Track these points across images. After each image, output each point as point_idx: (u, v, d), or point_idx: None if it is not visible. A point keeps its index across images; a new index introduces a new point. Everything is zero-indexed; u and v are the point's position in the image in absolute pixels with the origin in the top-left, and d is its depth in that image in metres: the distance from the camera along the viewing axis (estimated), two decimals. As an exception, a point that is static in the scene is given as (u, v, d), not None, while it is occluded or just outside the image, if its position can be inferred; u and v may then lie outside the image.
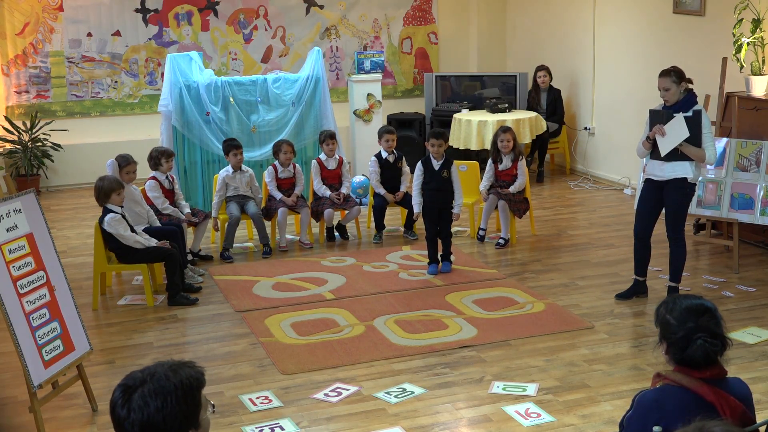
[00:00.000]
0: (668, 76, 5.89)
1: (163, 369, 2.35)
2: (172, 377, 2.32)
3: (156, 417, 2.27)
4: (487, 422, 4.60)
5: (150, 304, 6.47)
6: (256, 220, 7.61)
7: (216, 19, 10.92)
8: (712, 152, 5.91)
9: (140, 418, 2.27)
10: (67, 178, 10.46)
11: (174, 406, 2.29)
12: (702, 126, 5.86)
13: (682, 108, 5.90)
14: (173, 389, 2.30)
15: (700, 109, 5.91)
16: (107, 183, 6.32)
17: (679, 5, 8.73)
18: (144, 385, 2.30)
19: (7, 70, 10.25)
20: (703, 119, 5.86)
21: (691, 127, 5.82)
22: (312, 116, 8.92)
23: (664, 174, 6.00)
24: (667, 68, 5.96)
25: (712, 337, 2.86)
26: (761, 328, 5.81)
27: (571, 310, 6.19)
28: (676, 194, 6.00)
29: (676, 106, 5.92)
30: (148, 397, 2.28)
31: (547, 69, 10.42)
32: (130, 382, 2.32)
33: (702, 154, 5.89)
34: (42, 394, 4.55)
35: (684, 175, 5.95)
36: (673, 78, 5.88)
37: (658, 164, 6.00)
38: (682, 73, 5.93)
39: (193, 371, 2.38)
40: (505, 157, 7.80)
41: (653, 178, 6.07)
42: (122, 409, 2.29)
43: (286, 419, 4.67)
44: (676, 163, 5.93)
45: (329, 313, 6.24)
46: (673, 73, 5.89)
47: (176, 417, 2.29)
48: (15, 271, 4.44)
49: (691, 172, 5.94)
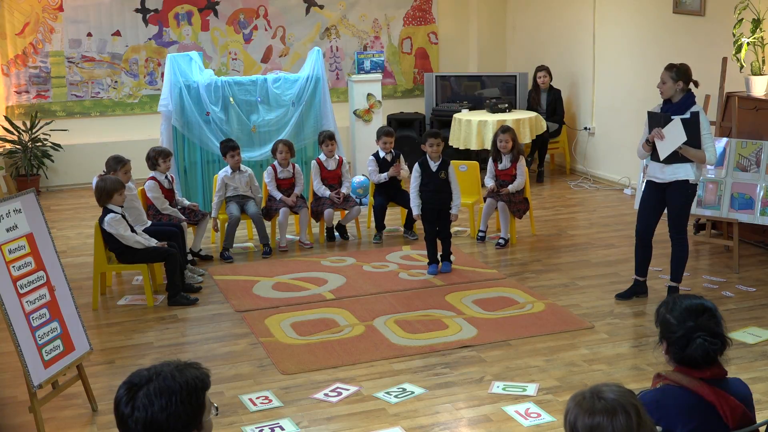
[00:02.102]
0: (669, 71, 5.88)
1: (169, 368, 2.34)
2: (178, 377, 2.31)
3: (160, 416, 2.26)
4: (487, 422, 4.60)
5: (150, 304, 6.47)
6: (255, 220, 7.61)
7: (216, 19, 10.92)
8: (712, 153, 5.90)
9: (144, 416, 2.26)
10: (67, 178, 10.46)
11: (178, 405, 2.28)
12: (701, 127, 5.84)
13: (680, 109, 5.89)
14: (178, 389, 2.29)
15: (698, 110, 5.88)
16: (109, 183, 6.31)
17: (679, 5, 8.73)
18: (149, 384, 2.29)
19: (7, 70, 10.25)
20: (701, 120, 5.84)
21: (690, 128, 5.81)
22: (312, 116, 8.92)
23: (665, 176, 5.99)
24: (675, 63, 5.93)
25: (712, 336, 2.87)
26: (761, 328, 5.81)
27: (571, 310, 6.19)
28: (679, 196, 5.99)
29: (674, 106, 5.91)
30: (153, 395, 2.27)
31: (547, 69, 10.42)
32: (136, 380, 2.31)
33: (702, 156, 5.88)
34: (42, 394, 4.55)
35: (685, 177, 5.94)
36: (673, 74, 5.86)
37: (658, 167, 5.99)
38: (686, 73, 5.88)
39: (198, 372, 2.37)
40: (505, 157, 7.80)
41: (655, 180, 6.07)
42: (126, 406, 2.28)
43: (286, 419, 4.67)
44: (677, 165, 5.92)
45: (329, 313, 6.24)
46: (675, 69, 5.87)
47: (180, 417, 2.28)
48: (15, 271, 4.44)
49: (692, 174, 5.93)
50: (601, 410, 2.33)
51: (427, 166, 7.01)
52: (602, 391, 2.38)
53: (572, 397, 2.42)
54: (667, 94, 5.92)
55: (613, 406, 2.32)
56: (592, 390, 2.40)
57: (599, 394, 2.37)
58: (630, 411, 2.33)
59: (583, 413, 2.34)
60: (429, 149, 7.01)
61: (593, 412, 2.33)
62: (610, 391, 2.37)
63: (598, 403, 2.34)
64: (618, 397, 2.35)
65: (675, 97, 5.92)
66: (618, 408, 2.32)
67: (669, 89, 5.89)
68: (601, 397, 2.35)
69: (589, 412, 2.33)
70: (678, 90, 5.89)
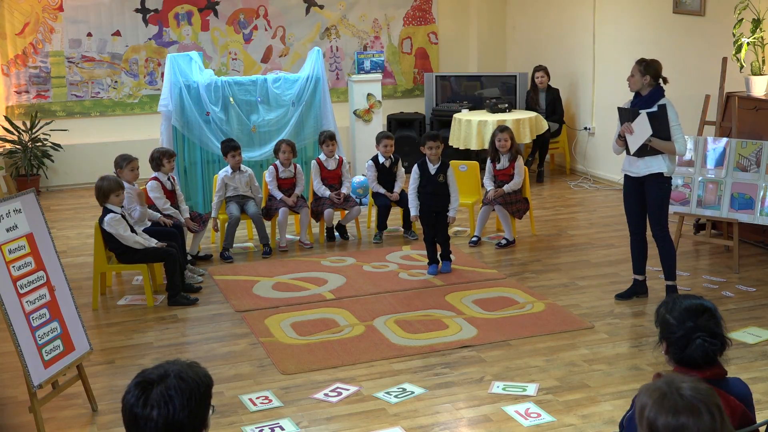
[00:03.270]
0: (639, 64, 5.99)
1: (178, 367, 2.30)
2: (192, 375, 2.28)
3: (181, 414, 2.22)
4: (487, 422, 4.60)
5: (150, 304, 6.47)
6: (255, 220, 7.61)
7: (216, 19, 10.92)
8: (681, 144, 5.95)
9: (165, 414, 2.21)
10: (67, 178, 10.46)
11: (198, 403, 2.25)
12: (669, 119, 5.90)
13: (648, 102, 5.97)
14: (196, 387, 2.26)
15: (665, 103, 5.94)
16: (107, 183, 6.32)
17: (679, 5, 8.73)
18: (164, 381, 2.24)
19: (7, 70, 10.25)
20: (669, 113, 5.90)
21: (658, 121, 5.88)
22: (312, 116, 8.92)
23: (639, 170, 6.07)
24: (645, 58, 6.03)
25: (711, 336, 2.87)
26: (761, 328, 5.81)
27: (571, 310, 6.19)
28: (655, 190, 6.06)
29: (643, 99, 5.99)
30: (172, 392, 2.22)
31: (545, 69, 10.42)
32: (148, 378, 2.26)
33: (671, 147, 5.94)
34: (42, 394, 4.55)
35: (659, 170, 6.01)
36: (642, 67, 5.96)
37: (633, 160, 6.09)
38: (654, 68, 5.96)
39: (205, 371, 2.36)
40: (503, 157, 7.80)
41: (630, 174, 6.15)
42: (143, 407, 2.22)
43: (286, 419, 4.67)
44: (650, 158, 5.99)
45: (329, 313, 6.24)
46: (644, 63, 5.98)
47: (197, 415, 2.25)
48: (15, 271, 4.44)
49: (665, 167, 5.99)
50: (684, 409, 2.20)
51: (426, 168, 6.99)
52: (681, 387, 2.24)
53: (647, 392, 2.28)
54: (635, 87, 6.03)
55: (697, 406, 2.21)
56: (669, 384, 2.26)
57: (679, 391, 2.23)
58: (714, 411, 2.21)
59: (665, 412, 2.21)
60: (428, 152, 6.99)
61: (677, 411, 2.20)
62: (690, 388, 2.25)
63: (681, 401, 2.21)
64: (700, 395, 2.23)
65: (643, 90, 6.01)
66: (702, 407, 2.21)
67: (636, 82, 6.00)
68: (681, 395, 2.23)
69: (672, 412, 2.21)
70: (645, 84, 5.98)
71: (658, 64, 6.01)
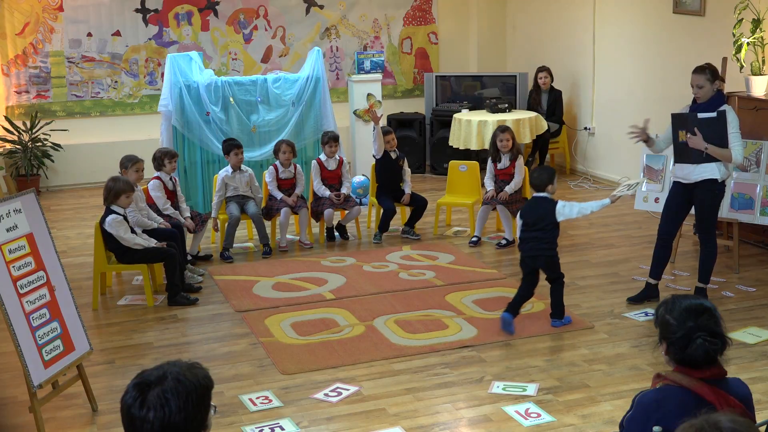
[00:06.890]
0: (702, 74, 5.81)
1: (177, 368, 2.29)
2: (190, 377, 2.27)
3: (177, 417, 2.21)
4: (487, 422, 4.60)
5: (150, 304, 6.47)
6: (255, 220, 7.61)
7: (216, 19, 10.93)
8: (738, 152, 5.82)
9: (161, 416, 2.20)
10: (67, 178, 10.46)
11: (195, 405, 2.24)
12: (728, 126, 5.77)
13: (709, 108, 5.82)
14: (193, 389, 2.25)
15: (725, 109, 5.81)
16: (119, 184, 6.29)
17: (679, 5, 8.73)
18: (162, 383, 2.24)
19: (7, 70, 10.25)
20: (729, 119, 5.77)
21: (717, 127, 5.76)
22: (312, 116, 8.92)
23: (692, 177, 5.94)
24: (702, 65, 5.88)
25: (711, 336, 2.86)
26: (761, 328, 5.81)
27: (571, 310, 6.18)
28: (707, 195, 5.95)
29: (703, 105, 5.84)
30: (169, 394, 2.22)
31: (548, 70, 10.42)
32: (146, 380, 2.26)
33: (728, 155, 5.80)
34: (42, 394, 4.55)
35: (712, 176, 5.88)
36: (708, 75, 5.80)
37: (684, 167, 5.95)
38: (717, 72, 5.85)
39: (206, 372, 2.35)
40: (504, 157, 7.80)
41: (682, 181, 6.02)
42: (139, 408, 2.22)
43: (286, 419, 4.67)
44: (704, 165, 5.86)
45: (329, 313, 6.24)
46: (708, 70, 5.81)
47: (195, 418, 2.24)
48: (15, 271, 4.44)
49: (718, 173, 5.87)
50: None
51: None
52: (720, 421, 2.13)
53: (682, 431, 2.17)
54: (706, 98, 5.83)
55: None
56: (707, 420, 2.14)
57: (717, 425, 2.11)
58: None
59: None
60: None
61: None
62: (728, 421, 2.13)
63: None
64: (740, 427, 2.11)
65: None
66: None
67: (707, 92, 5.81)
68: (720, 428, 2.11)
69: None
70: (713, 90, 5.82)
71: (713, 65, 5.89)
